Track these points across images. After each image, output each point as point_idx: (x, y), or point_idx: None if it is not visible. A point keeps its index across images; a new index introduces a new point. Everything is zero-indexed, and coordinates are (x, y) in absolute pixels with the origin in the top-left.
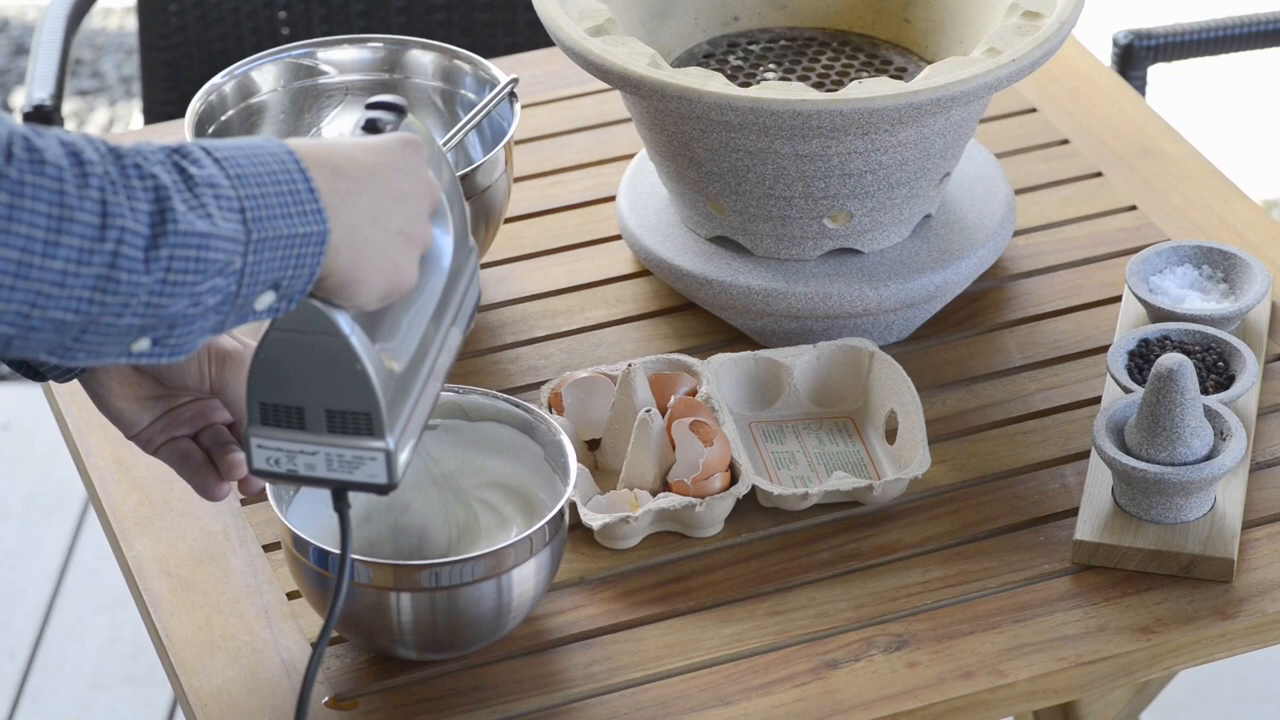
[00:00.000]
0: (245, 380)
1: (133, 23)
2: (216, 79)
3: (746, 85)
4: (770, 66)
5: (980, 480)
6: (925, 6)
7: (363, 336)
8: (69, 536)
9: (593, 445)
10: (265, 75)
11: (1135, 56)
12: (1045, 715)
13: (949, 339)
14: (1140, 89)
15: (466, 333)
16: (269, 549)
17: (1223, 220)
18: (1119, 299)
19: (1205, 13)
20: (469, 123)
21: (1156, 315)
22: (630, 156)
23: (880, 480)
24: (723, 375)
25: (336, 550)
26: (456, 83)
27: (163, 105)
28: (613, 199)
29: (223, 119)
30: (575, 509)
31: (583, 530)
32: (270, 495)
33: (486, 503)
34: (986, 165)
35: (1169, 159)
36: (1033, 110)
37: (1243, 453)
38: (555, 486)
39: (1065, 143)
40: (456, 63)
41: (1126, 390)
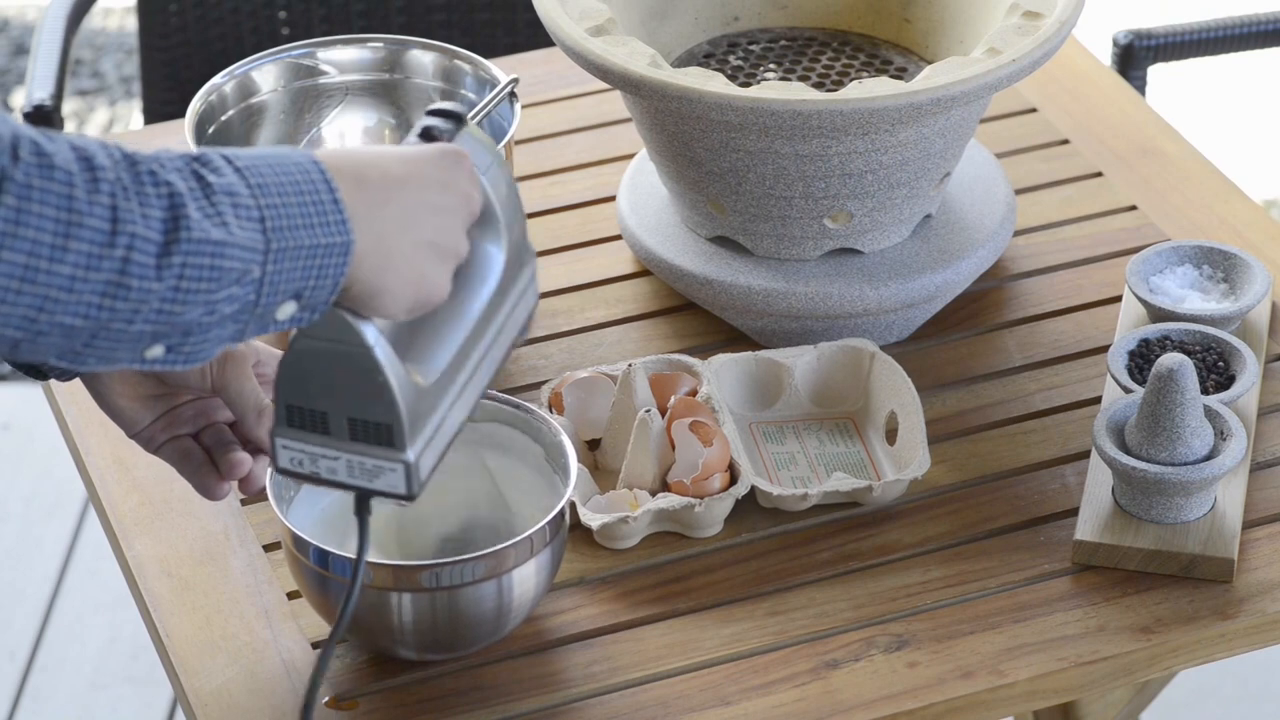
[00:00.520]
0: (246, 380)
1: (133, 23)
2: (216, 79)
3: (746, 85)
4: (770, 66)
5: (980, 480)
6: (925, 6)
7: (388, 348)
8: (69, 536)
9: (593, 445)
10: (265, 75)
11: (1135, 56)
12: (1045, 715)
13: (949, 339)
14: (1140, 89)
15: (519, 341)
16: (269, 549)
17: (1223, 220)
18: (1119, 299)
19: (1205, 13)
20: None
21: (1157, 315)
22: (630, 156)
23: (880, 481)
24: (723, 375)
25: (337, 550)
26: (456, 83)
27: (163, 105)
28: (613, 199)
29: (223, 119)
30: (574, 509)
31: (582, 530)
32: (271, 495)
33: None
34: (986, 165)
35: (1169, 159)
36: (1033, 110)
37: (1243, 453)
38: (556, 486)
39: (1065, 143)
40: (456, 63)
41: (1127, 390)
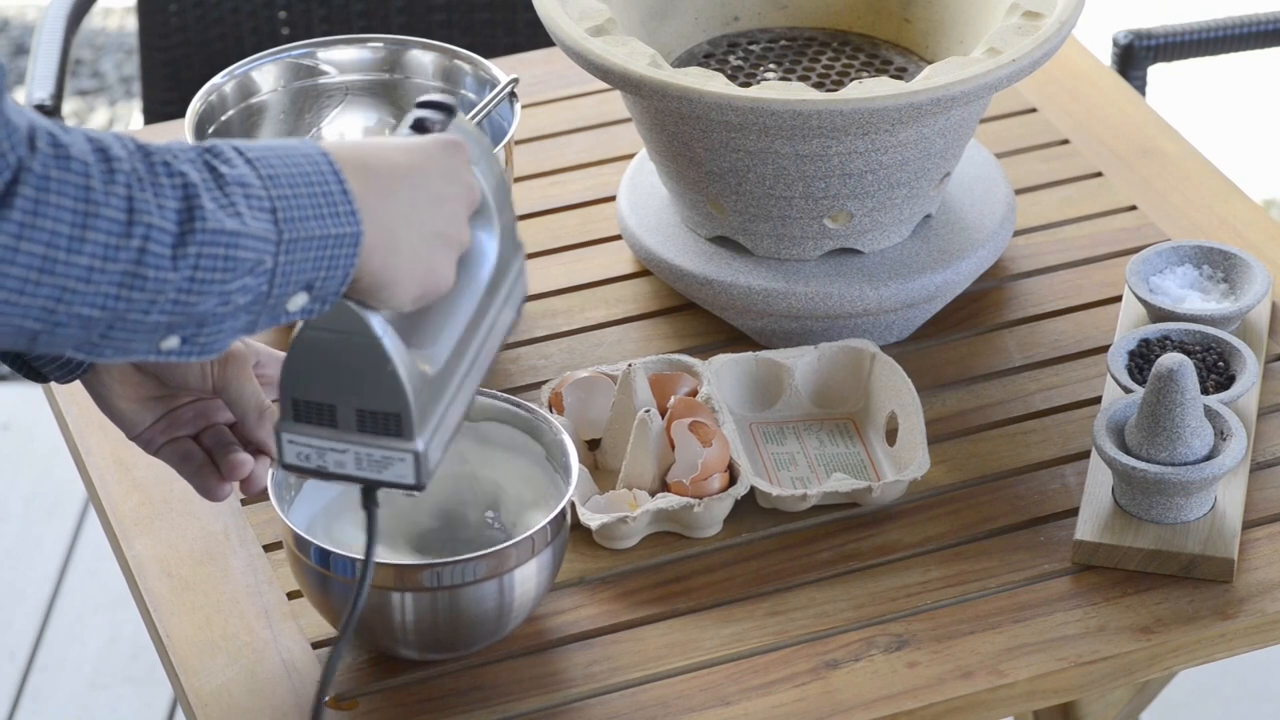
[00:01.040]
0: (247, 381)
1: (133, 23)
2: (216, 79)
3: (747, 85)
4: (770, 66)
5: (980, 480)
6: (925, 6)
7: (395, 338)
8: (69, 536)
9: (593, 445)
10: (265, 75)
11: (1135, 56)
12: (1045, 715)
13: (949, 339)
14: (1140, 89)
15: (511, 330)
16: (269, 549)
17: (1223, 220)
18: (1119, 299)
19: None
20: None
21: (1157, 315)
22: (630, 156)
23: (879, 482)
24: (723, 376)
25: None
26: (456, 83)
27: (163, 105)
28: (613, 199)
29: (223, 119)
30: (574, 509)
31: (583, 530)
32: (272, 495)
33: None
34: (986, 165)
35: (1169, 159)
36: (1033, 110)
37: (1243, 453)
38: (557, 486)
39: (1065, 143)
40: (456, 63)
41: (1127, 390)
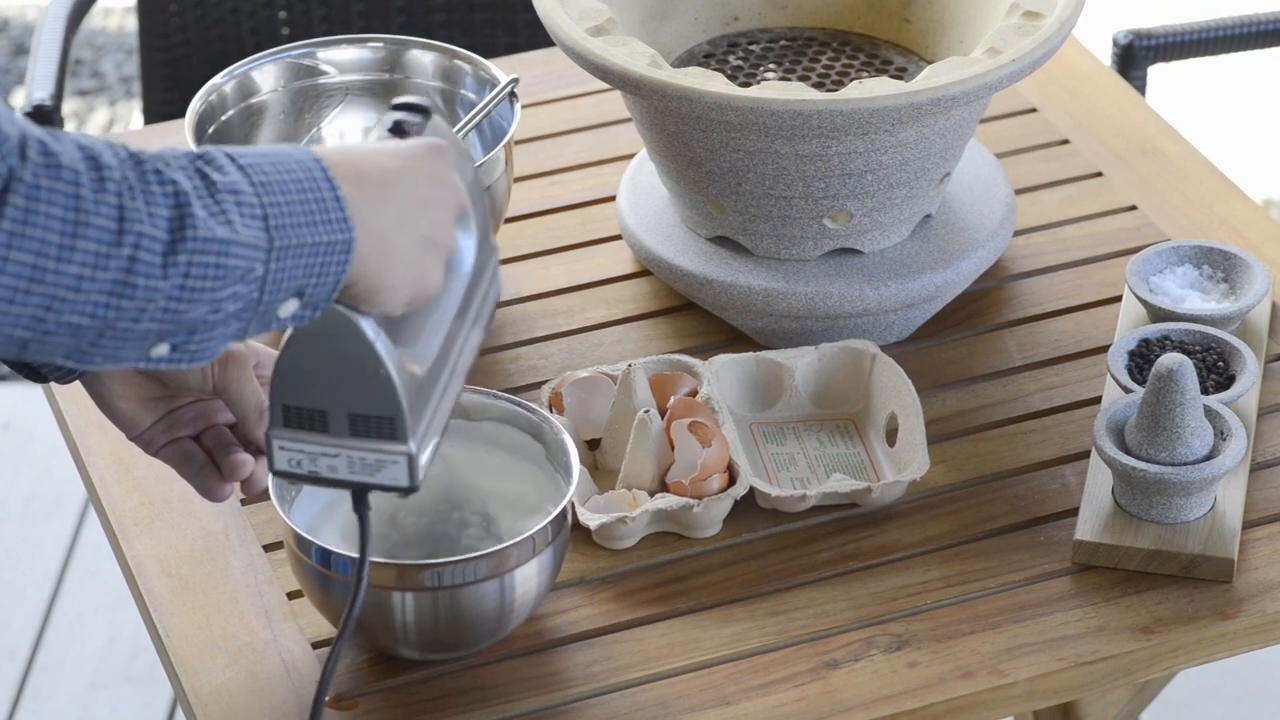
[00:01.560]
0: (247, 381)
1: (133, 23)
2: (216, 79)
3: (746, 85)
4: (770, 66)
5: (980, 480)
6: (925, 6)
7: (387, 341)
8: (69, 536)
9: (593, 445)
10: (265, 75)
11: (1135, 56)
12: (1045, 715)
13: (949, 339)
14: (1140, 89)
15: (488, 331)
16: (269, 549)
17: (1223, 220)
18: (1119, 299)
19: (1205, 13)
20: (469, 123)
21: (1157, 315)
22: (630, 156)
23: (879, 483)
24: (724, 376)
25: (339, 549)
26: (456, 83)
27: (163, 105)
28: (613, 199)
29: (223, 119)
30: (573, 509)
31: (582, 530)
32: (273, 495)
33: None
34: (986, 165)
35: (1169, 159)
36: (1033, 110)
37: (1243, 453)
38: (557, 486)
39: (1065, 143)
40: (456, 63)
41: (1127, 390)
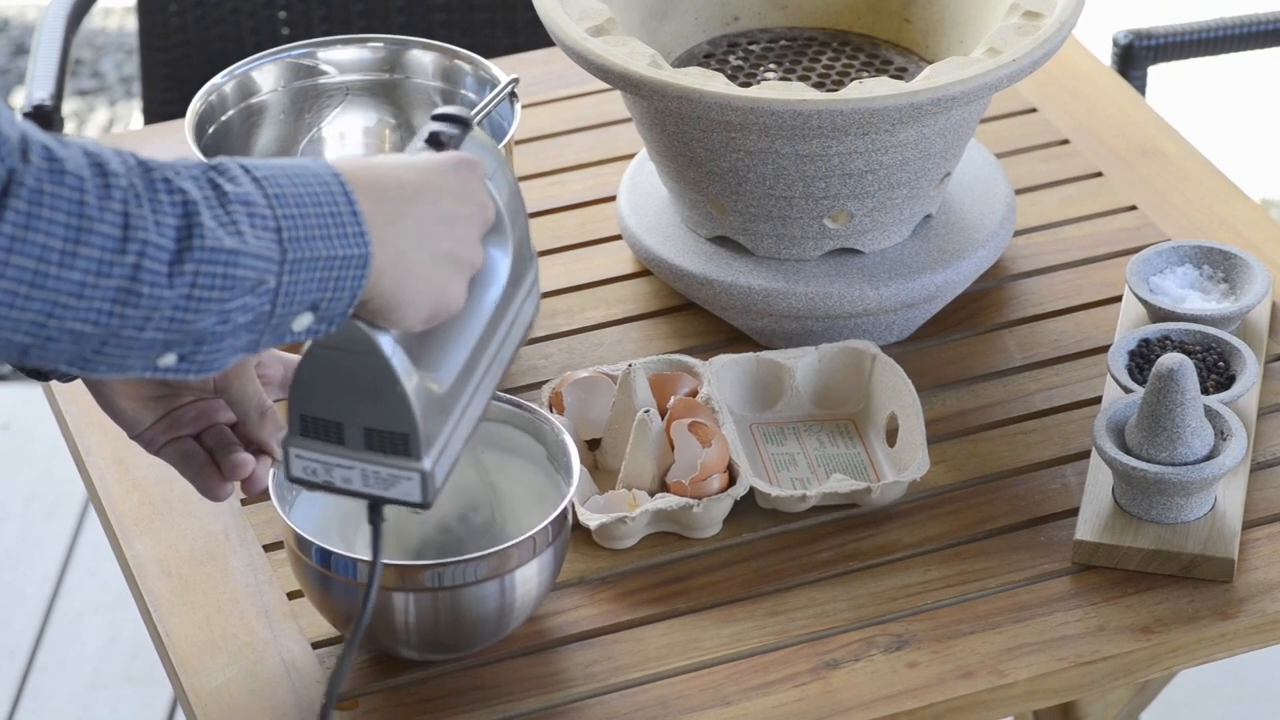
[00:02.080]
0: (249, 381)
1: (133, 23)
2: (216, 79)
3: (747, 85)
4: (770, 66)
5: (980, 480)
6: (925, 6)
7: (404, 358)
8: (69, 536)
9: (593, 445)
10: (265, 75)
11: (1135, 56)
12: (1045, 715)
13: (949, 339)
14: (1140, 89)
15: (521, 344)
16: (269, 549)
17: (1223, 220)
18: (1119, 299)
19: (1205, 13)
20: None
21: (1157, 315)
22: (630, 156)
23: (879, 483)
24: (724, 376)
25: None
26: (456, 83)
27: (163, 105)
28: (613, 199)
29: (223, 119)
30: (573, 509)
31: (582, 530)
32: (273, 495)
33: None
34: (986, 165)
35: (1169, 159)
36: (1033, 110)
37: (1243, 453)
38: (557, 486)
39: (1065, 143)
40: (456, 63)
41: (1127, 390)
